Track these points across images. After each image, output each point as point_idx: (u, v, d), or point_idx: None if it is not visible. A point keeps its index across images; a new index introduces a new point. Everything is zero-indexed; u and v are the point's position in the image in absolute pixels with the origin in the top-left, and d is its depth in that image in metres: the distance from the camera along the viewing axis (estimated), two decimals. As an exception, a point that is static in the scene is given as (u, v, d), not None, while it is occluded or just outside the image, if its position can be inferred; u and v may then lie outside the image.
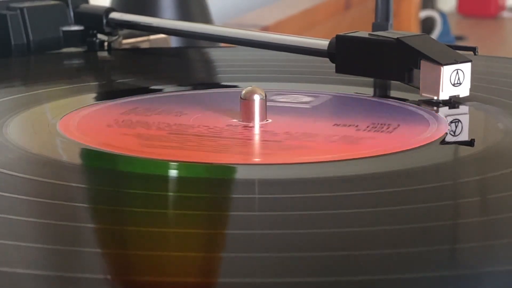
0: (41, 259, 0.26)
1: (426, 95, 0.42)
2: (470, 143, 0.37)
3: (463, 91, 0.42)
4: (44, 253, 0.26)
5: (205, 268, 0.25)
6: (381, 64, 0.44)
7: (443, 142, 0.37)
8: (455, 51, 0.43)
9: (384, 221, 0.28)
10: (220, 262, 0.25)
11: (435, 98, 0.42)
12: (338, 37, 0.46)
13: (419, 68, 0.42)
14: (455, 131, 0.39)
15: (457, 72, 0.42)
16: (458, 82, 0.42)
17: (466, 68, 0.42)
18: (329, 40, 0.47)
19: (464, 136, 0.39)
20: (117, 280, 0.24)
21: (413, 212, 0.29)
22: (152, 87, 0.49)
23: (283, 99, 0.43)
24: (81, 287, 0.24)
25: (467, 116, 0.42)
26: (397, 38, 0.43)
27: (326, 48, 0.47)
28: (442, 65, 0.41)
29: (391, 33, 0.44)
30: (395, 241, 0.27)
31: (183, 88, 0.48)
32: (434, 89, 0.42)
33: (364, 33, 0.45)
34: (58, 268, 0.25)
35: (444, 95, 0.42)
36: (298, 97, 0.44)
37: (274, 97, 0.43)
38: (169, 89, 0.48)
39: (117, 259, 0.26)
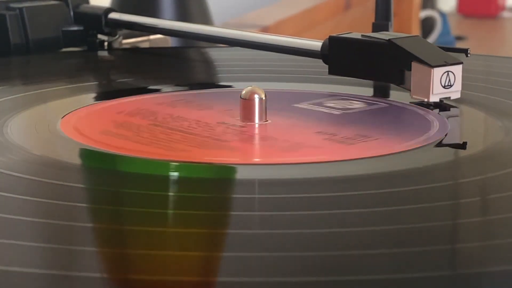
0: (41, 258, 0.26)
1: (417, 97, 0.42)
2: (462, 146, 0.37)
3: (454, 93, 0.42)
4: (44, 253, 0.26)
5: (205, 268, 0.25)
6: (374, 65, 0.44)
7: (441, 142, 0.37)
8: (447, 53, 0.43)
9: (383, 222, 0.28)
10: (220, 261, 0.26)
11: (426, 100, 0.42)
12: (331, 38, 0.45)
13: (410, 70, 0.42)
14: (454, 131, 0.39)
15: (448, 74, 0.41)
16: (449, 84, 0.41)
17: (457, 70, 0.41)
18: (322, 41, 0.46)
19: (464, 136, 0.39)
20: (117, 279, 0.25)
21: (412, 213, 0.29)
22: (152, 87, 0.49)
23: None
24: (82, 287, 0.24)
25: (466, 115, 0.42)
26: (389, 40, 0.43)
27: (319, 49, 0.46)
28: (432, 67, 0.41)
29: (384, 35, 0.44)
30: (394, 241, 0.27)
31: (183, 88, 0.48)
32: (425, 91, 0.41)
33: (356, 34, 0.45)
34: (58, 268, 0.25)
35: (434, 97, 0.41)
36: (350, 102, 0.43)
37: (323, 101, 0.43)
38: (169, 89, 0.48)
39: (118, 259, 0.26)
